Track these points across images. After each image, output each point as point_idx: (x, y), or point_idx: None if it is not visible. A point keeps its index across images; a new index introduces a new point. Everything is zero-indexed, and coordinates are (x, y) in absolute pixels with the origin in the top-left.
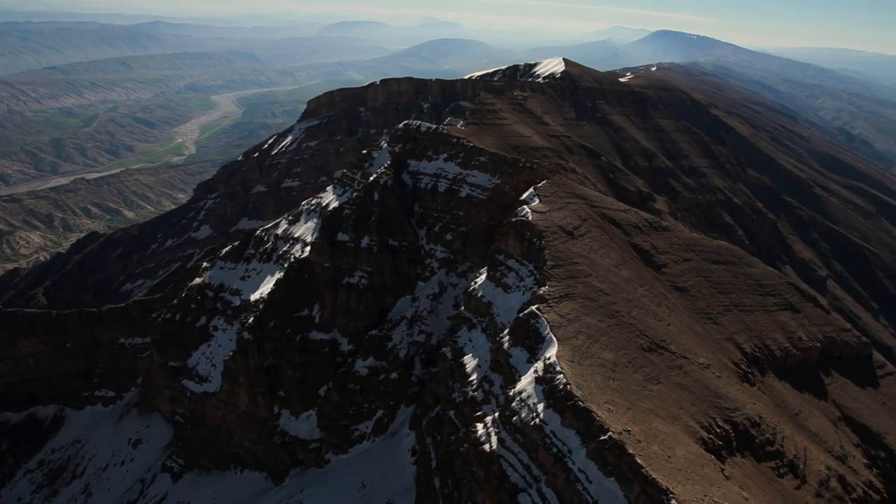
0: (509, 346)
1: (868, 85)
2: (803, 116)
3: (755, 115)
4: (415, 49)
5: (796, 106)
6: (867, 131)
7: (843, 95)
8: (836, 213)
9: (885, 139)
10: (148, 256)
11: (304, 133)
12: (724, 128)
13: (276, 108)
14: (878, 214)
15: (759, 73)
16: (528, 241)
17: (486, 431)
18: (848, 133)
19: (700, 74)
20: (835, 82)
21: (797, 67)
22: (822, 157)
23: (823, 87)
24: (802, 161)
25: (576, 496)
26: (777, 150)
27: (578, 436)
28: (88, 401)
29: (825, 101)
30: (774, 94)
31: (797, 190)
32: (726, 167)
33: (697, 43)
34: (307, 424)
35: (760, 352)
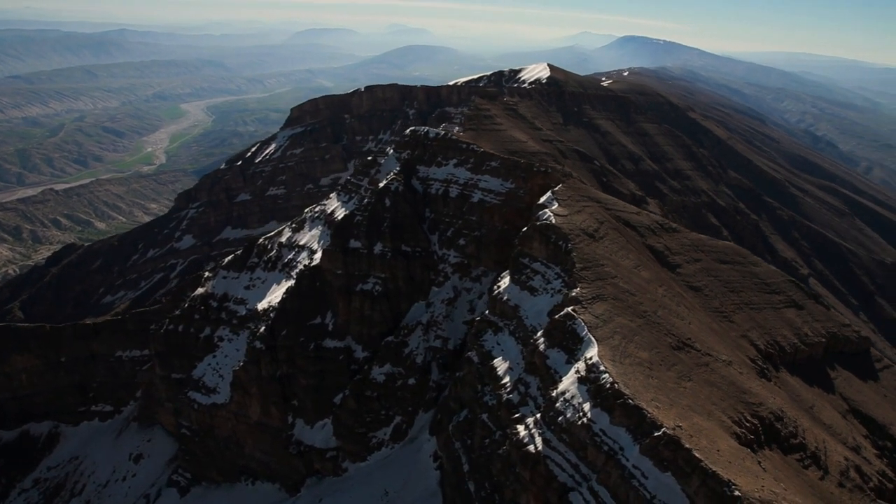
0: (545, 348)
1: (829, 88)
2: (770, 119)
3: (727, 117)
4: (385, 56)
5: (762, 109)
6: (831, 133)
7: (807, 98)
8: (812, 213)
9: (847, 140)
10: (129, 268)
11: (288, 140)
12: (702, 131)
13: (246, 116)
14: (850, 214)
15: (725, 77)
16: (554, 244)
17: (528, 433)
18: (813, 135)
19: (670, 79)
20: (797, 85)
21: (761, 71)
22: (792, 159)
23: (787, 91)
24: (776, 162)
25: (632, 492)
26: (753, 152)
27: (629, 433)
28: (85, 416)
29: (789, 103)
30: (741, 97)
31: (774, 191)
32: (709, 169)
33: (664, 48)
34: (323, 433)
35: (772, 348)
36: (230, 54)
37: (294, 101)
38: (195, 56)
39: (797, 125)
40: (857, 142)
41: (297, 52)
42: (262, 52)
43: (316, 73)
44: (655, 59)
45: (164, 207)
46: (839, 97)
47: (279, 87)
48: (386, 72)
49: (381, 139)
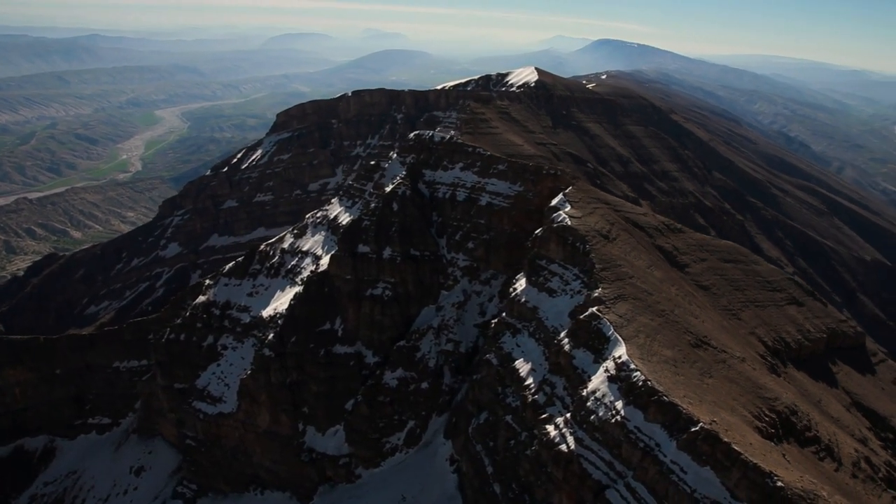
0: (571, 348)
1: (800, 90)
2: (745, 121)
3: (705, 119)
4: (361, 60)
5: (736, 111)
6: (803, 134)
7: (779, 100)
8: (792, 213)
9: (819, 141)
10: (113, 277)
11: (275, 146)
12: (685, 133)
13: (223, 122)
14: (829, 213)
15: (699, 80)
16: (571, 246)
17: (559, 432)
18: (786, 136)
19: (647, 81)
20: (769, 87)
21: (733, 74)
22: (769, 160)
23: (760, 93)
24: (755, 163)
25: (671, 487)
26: (733, 153)
27: (664, 430)
28: (81, 429)
29: (762, 105)
30: (715, 99)
31: (756, 191)
32: (694, 171)
33: (638, 51)
34: (335, 440)
35: (779, 344)
36: (204, 60)
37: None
38: (169, 62)
39: (770, 126)
40: (829, 142)
41: (273, 58)
42: (237, 57)
43: (292, 78)
44: (630, 63)
45: (141, 216)
46: (810, 99)
47: (255, 93)
48: (362, 76)
49: (369, 144)
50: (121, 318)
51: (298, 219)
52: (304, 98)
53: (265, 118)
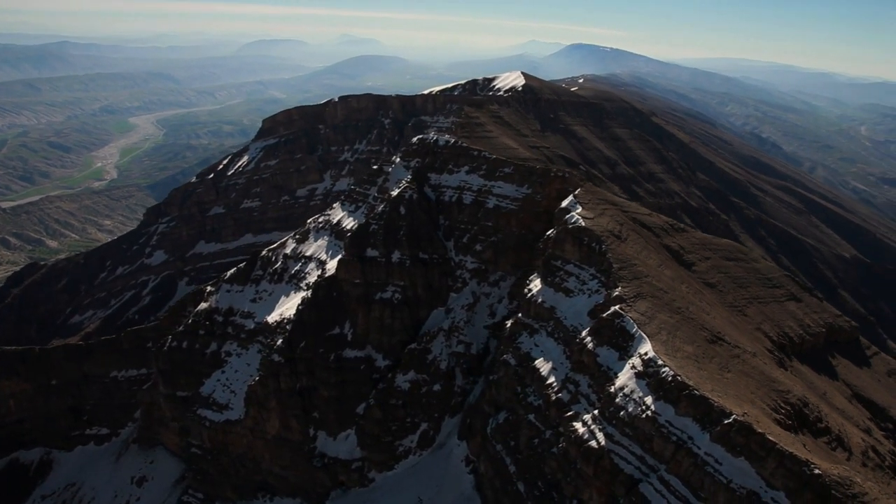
0: (594, 347)
1: (769, 92)
2: (718, 122)
3: (682, 122)
4: (336, 66)
5: (709, 113)
6: (774, 135)
7: (750, 102)
8: (773, 212)
9: (790, 142)
10: (97, 286)
11: (261, 152)
12: (667, 135)
13: (199, 128)
14: (807, 212)
15: (672, 83)
16: (587, 246)
17: (587, 429)
18: (759, 137)
19: (622, 85)
20: (740, 90)
21: (704, 77)
22: (746, 160)
23: (731, 95)
24: (734, 164)
25: (706, 479)
26: (713, 155)
27: (696, 423)
28: (79, 440)
29: (734, 107)
30: (689, 102)
31: (737, 191)
32: (679, 172)
33: (612, 55)
34: (346, 444)
35: (783, 339)
36: (178, 66)
37: (247, 113)
38: (142, 69)
39: (742, 128)
40: (799, 143)
41: (247, 64)
42: (210, 63)
43: (267, 84)
44: (603, 67)
45: (118, 224)
46: (779, 101)
47: (230, 100)
48: (337, 82)
49: (357, 149)
50: (106, 327)
51: (287, 225)
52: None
53: (241, 125)
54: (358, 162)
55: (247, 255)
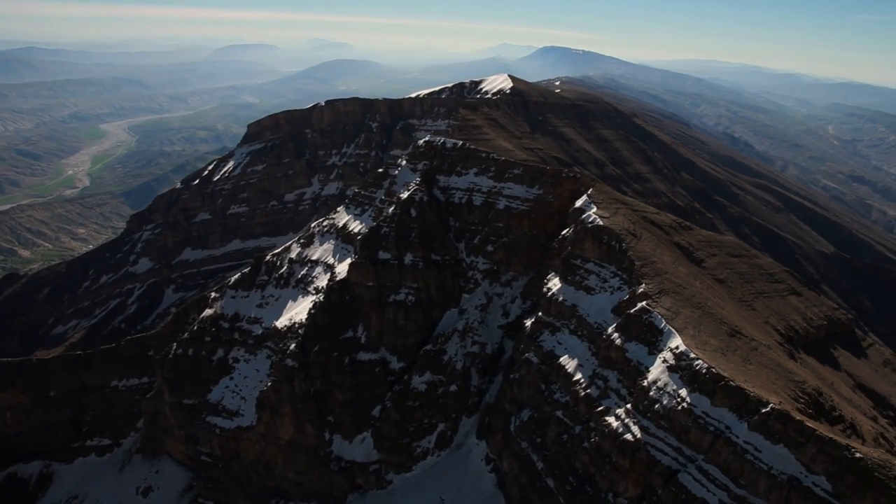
0: (623, 342)
1: (739, 92)
2: (692, 123)
3: (660, 123)
4: (309, 71)
5: (682, 113)
6: (746, 135)
7: (721, 103)
8: (753, 210)
9: (761, 141)
10: (81, 295)
11: (248, 157)
12: (648, 135)
13: (171, 135)
14: (785, 209)
15: (644, 84)
16: (607, 245)
17: (621, 423)
18: (731, 137)
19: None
20: (711, 91)
21: (676, 78)
22: (722, 160)
23: (702, 96)
24: (713, 163)
25: (747, 466)
26: (693, 155)
27: (733, 413)
28: (79, 452)
29: (705, 108)
30: (662, 103)
31: (719, 190)
32: (664, 172)
33: (584, 57)
34: (363, 447)
35: (790, 332)
36: (149, 72)
37: (220, 118)
38: (112, 74)
39: (715, 128)
40: (770, 142)
41: (219, 69)
42: (181, 69)
43: (240, 89)
44: (576, 69)
45: (93, 232)
46: (748, 101)
47: (203, 105)
48: (311, 87)
49: (345, 153)
50: (91, 336)
51: (275, 230)
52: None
53: (216, 130)
54: (346, 166)
55: (235, 261)
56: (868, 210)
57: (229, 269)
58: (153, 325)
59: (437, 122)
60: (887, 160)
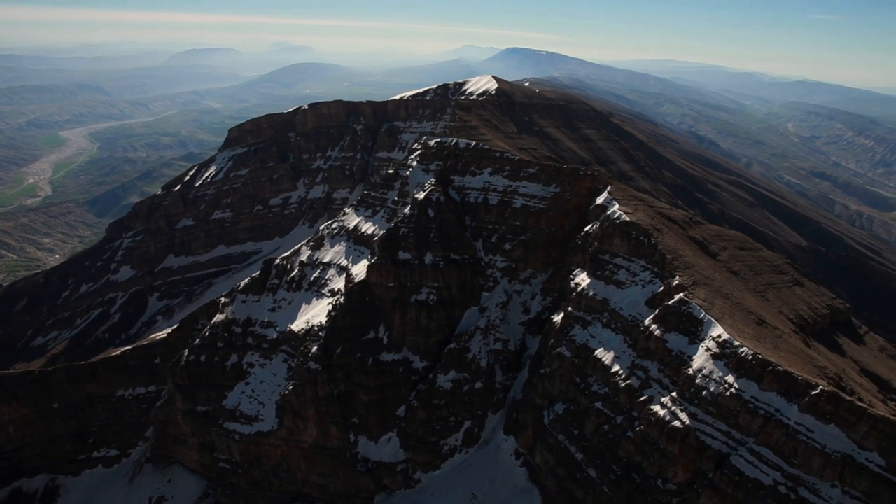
0: (662, 333)
1: (700, 92)
2: (659, 122)
3: (632, 122)
4: (272, 74)
5: (647, 113)
6: (710, 133)
7: (684, 102)
8: (730, 206)
9: (725, 139)
10: (60, 306)
11: (230, 162)
12: (627, 135)
13: (135, 141)
14: (759, 204)
15: (609, 85)
16: (636, 240)
17: (667, 411)
18: (697, 135)
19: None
20: (673, 90)
21: (639, 78)
22: (695, 157)
23: (665, 95)
24: (688, 161)
25: (800, 446)
26: (669, 153)
27: (781, 396)
28: (86, 464)
29: (669, 107)
30: (627, 102)
31: (696, 187)
32: (646, 170)
33: (547, 58)
34: (389, 447)
35: (801, 321)
36: (107, 77)
37: (184, 124)
38: (69, 80)
39: (680, 127)
40: (734, 140)
41: (180, 74)
42: (141, 74)
43: (202, 94)
44: (540, 70)
45: (58, 242)
46: (710, 100)
47: (166, 111)
48: (275, 91)
49: (329, 156)
50: (74, 347)
51: (261, 234)
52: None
53: (180, 136)
54: (332, 169)
55: (220, 266)
56: (831, 204)
57: (215, 274)
58: (139, 333)
59: (422, 123)
60: (845, 156)
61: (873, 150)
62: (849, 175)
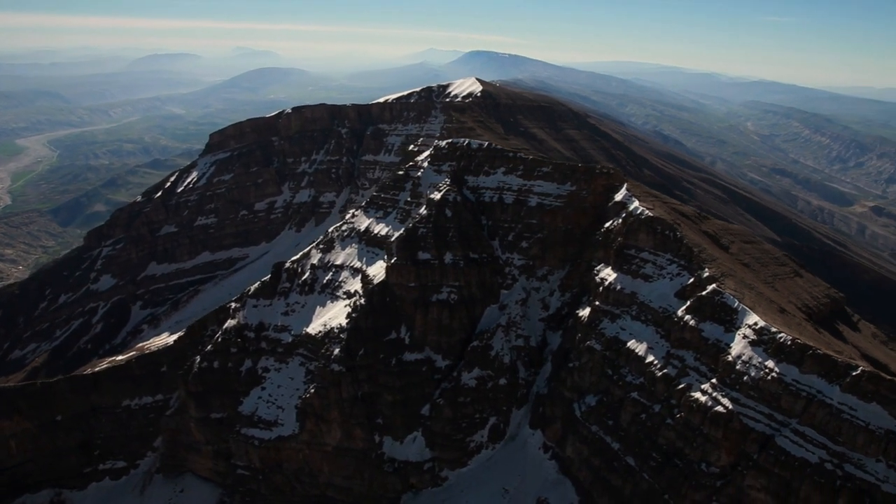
0: (697, 323)
1: (661, 92)
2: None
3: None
4: (235, 80)
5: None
6: (674, 133)
7: (647, 102)
8: (706, 203)
9: (689, 138)
10: (38, 317)
11: (213, 167)
12: (603, 134)
13: (97, 148)
14: (731, 201)
15: (573, 86)
16: (661, 234)
17: (710, 397)
18: (662, 135)
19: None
20: (636, 91)
21: (601, 80)
22: (666, 156)
23: (628, 96)
24: (662, 159)
25: (844, 424)
26: (645, 152)
27: (822, 378)
28: (92, 477)
29: (633, 108)
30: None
31: (673, 185)
32: (628, 169)
33: (510, 61)
34: (415, 447)
35: (807, 310)
36: (65, 84)
37: (147, 130)
38: (25, 87)
39: (644, 127)
40: (697, 139)
41: (140, 80)
42: (100, 80)
43: (165, 100)
44: (504, 72)
45: (21, 252)
46: (671, 100)
47: (127, 117)
48: (238, 96)
49: (314, 159)
50: (55, 360)
51: (246, 240)
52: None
53: (143, 143)
54: (318, 172)
55: (206, 273)
56: (794, 200)
57: (201, 281)
58: (124, 343)
59: (407, 126)
60: (803, 153)
61: (829, 148)
62: (808, 172)
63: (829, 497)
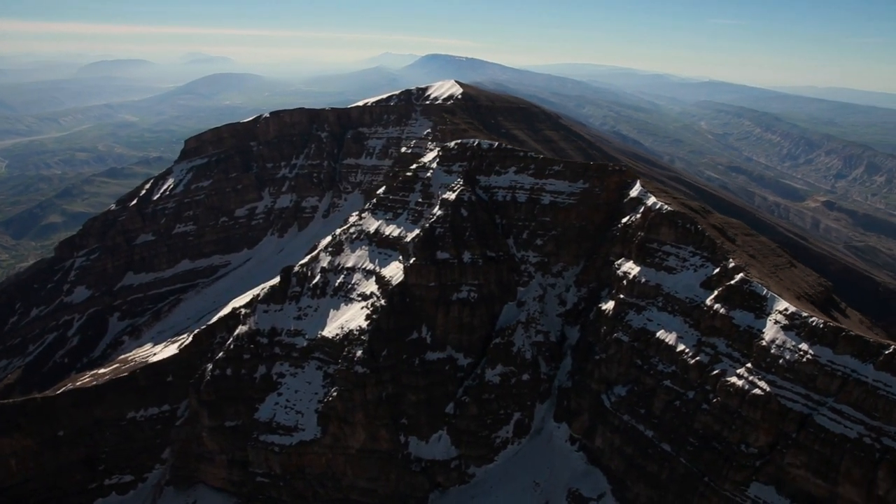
0: (727, 311)
1: (616, 93)
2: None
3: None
4: (190, 86)
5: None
6: (632, 133)
7: (603, 103)
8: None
9: (646, 138)
10: (9, 332)
11: (190, 174)
12: (577, 135)
13: (47, 157)
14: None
15: (530, 88)
16: (683, 227)
17: (746, 381)
18: (620, 134)
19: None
20: (591, 93)
21: (558, 81)
22: (631, 156)
23: (585, 98)
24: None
25: (880, 401)
26: (614, 151)
27: (855, 358)
28: (98, 493)
29: (590, 109)
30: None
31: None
32: None
33: (467, 64)
34: (440, 445)
35: (807, 297)
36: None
37: (100, 138)
38: None
39: (603, 127)
40: (654, 139)
41: (90, 87)
42: (48, 87)
43: (116, 107)
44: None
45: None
46: (627, 101)
47: (78, 125)
48: (193, 102)
49: (294, 164)
50: (29, 376)
51: (227, 247)
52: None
53: (97, 151)
54: (299, 177)
55: (186, 282)
56: (751, 197)
57: (182, 290)
58: (104, 355)
59: (388, 129)
60: (756, 151)
61: (780, 145)
62: (761, 169)
63: (868, 470)
